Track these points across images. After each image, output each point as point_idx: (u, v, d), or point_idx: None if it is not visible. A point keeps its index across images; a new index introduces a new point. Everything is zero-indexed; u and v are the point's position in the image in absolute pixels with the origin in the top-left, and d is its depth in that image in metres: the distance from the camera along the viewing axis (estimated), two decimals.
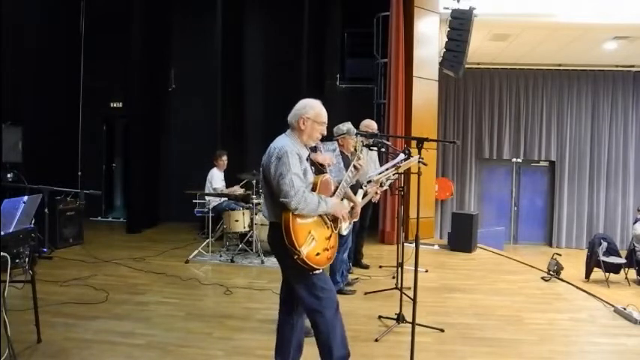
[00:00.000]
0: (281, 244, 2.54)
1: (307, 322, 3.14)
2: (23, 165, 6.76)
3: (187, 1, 9.14)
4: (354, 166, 2.97)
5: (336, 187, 2.85)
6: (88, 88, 9.12)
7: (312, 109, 2.72)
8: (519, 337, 3.85)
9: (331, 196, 2.77)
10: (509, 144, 11.28)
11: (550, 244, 11.25)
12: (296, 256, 2.51)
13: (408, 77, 7.64)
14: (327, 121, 2.79)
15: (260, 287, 4.95)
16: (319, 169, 2.91)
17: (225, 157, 7.02)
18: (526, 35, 8.93)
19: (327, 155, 3.62)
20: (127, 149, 9.63)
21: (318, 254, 2.59)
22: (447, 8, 7.32)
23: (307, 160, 2.73)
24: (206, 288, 5.03)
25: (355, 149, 3.22)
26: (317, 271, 2.60)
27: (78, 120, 9.19)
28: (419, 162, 3.32)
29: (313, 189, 2.67)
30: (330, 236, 2.73)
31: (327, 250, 2.67)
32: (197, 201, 6.75)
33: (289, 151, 2.57)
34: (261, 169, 2.73)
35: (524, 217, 11.63)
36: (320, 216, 2.68)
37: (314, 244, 2.58)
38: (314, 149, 3.10)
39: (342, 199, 2.90)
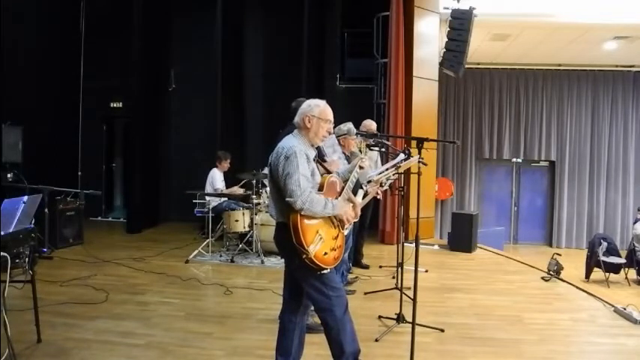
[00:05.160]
0: (289, 244, 2.55)
1: (316, 319, 3.13)
2: (23, 165, 6.76)
3: (188, 1, 9.13)
4: (360, 166, 2.97)
5: (342, 188, 2.86)
6: (88, 88, 9.11)
7: (316, 107, 2.74)
8: (519, 337, 3.84)
9: (337, 197, 2.78)
10: (509, 144, 11.28)
11: (550, 244, 11.25)
12: (304, 256, 2.52)
13: (408, 77, 7.64)
14: (332, 119, 2.79)
15: (260, 287, 4.95)
16: (326, 169, 2.92)
17: (228, 161, 7.02)
18: (526, 35, 8.92)
19: (334, 158, 3.63)
20: (127, 149, 9.64)
21: (325, 254, 2.60)
22: (447, 8, 7.33)
23: (314, 160, 2.73)
24: (206, 288, 5.03)
25: (360, 150, 3.22)
26: (325, 271, 2.61)
27: (78, 120, 9.18)
28: (419, 162, 3.32)
29: (320, 189, 2.68)
30: (337, 236, 2.73)
31: (335, 249, 2.68)
32: (197, 201, 6.75)
33: (297, 151, 2.58)
34: (268, 169, 2.73)
35: (524, 217, 11.63)
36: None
37: (322, 243, 2.59)
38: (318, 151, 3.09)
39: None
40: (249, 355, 3.38)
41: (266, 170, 3.01)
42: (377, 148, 4.52)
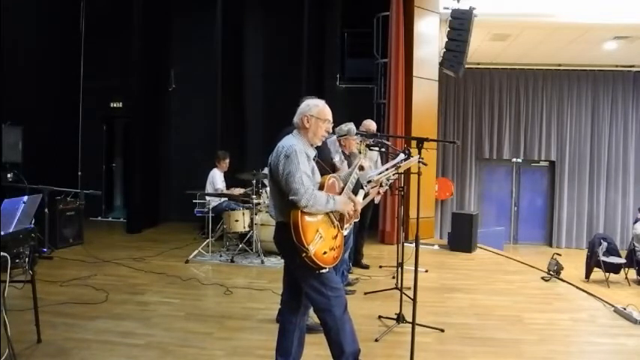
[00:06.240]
0: (289, 243, 2.55)
1: (316, 319, 3.14)
2: (23, 165, 6.76)
3: (188, 1, 9.13)
4: (360, 167, 2.97)
5: (342, 189, 2.86)
6: (88, 88, 9.11)
7: (315, 107, 2.75)
8: (519, 337, 3.85)
9: None
10: (509, 144, 11.28)
11: (550, 244, 11.25)
12: (304, 254, 2.52)
13: (408, 77, 7.64)
14: (331, 119, 2.80)
15: (260, 287, 4.95)
16: (326, 169, 2.92)
17: (227, 160, 7.03)
18: (526, 35, 8.92)
19: (336, 159, 3.64)
20: (126, 149, 9.64)
21: (325, 253, 2.61)
22: (447, 8, 7.33)
23: (314, 159, 2.74)
24: (206, 288, 5.03)
25: (360, 151, 3.23)
26: (323, 270, 2.61)
27: (78, 120, 9.18)
28: (419, 162, 3.32)
29: (320, 189, 2.69)
30: (337, 236, 2.74)
31: (334, 249, 2.68)
32: (197, 201, 6.75)
33: (297, 150, 2.59)
34: (268, 168, 2.74)
35: (524, 217, 11.63)
36: (327, 215, 2.69)
37: (321, 242, 2.60)
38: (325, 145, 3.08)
39: None
40: (249, 355, 3.38)
41: (266, 170, 3.01)
42: (377, 148, 4.51)
